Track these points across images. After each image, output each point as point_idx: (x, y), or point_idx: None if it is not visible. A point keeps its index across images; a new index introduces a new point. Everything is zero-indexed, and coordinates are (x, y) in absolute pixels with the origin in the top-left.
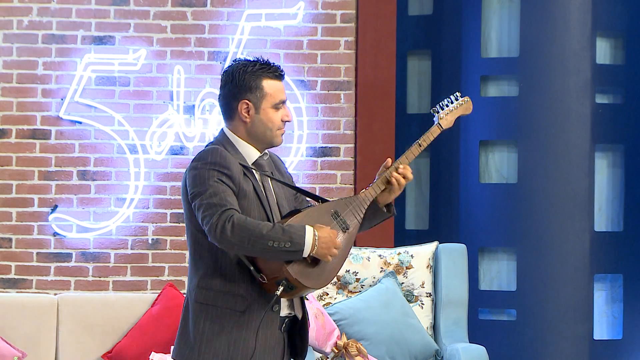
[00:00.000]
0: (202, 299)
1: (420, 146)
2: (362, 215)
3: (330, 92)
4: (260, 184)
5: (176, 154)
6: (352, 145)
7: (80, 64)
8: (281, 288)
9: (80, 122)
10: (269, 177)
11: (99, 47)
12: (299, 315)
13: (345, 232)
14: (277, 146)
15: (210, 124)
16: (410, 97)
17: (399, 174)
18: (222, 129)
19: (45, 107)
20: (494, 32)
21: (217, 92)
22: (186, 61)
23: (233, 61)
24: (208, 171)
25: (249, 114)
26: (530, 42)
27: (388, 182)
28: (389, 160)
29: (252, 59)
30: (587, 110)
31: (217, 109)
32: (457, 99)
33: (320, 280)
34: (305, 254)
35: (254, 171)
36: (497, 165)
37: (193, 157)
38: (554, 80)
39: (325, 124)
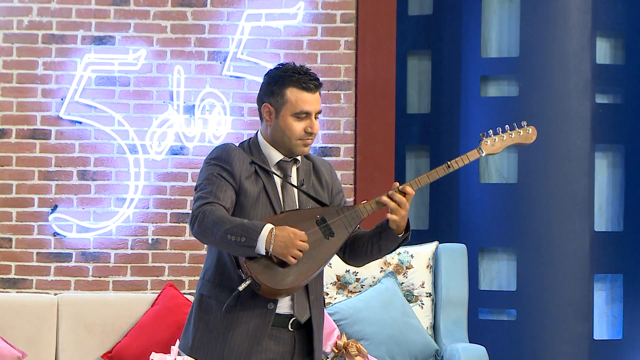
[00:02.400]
0: (203, 291)
1: (448, 167)
2: (353, 226)
3: (330, 92)
4: (277, 187)
5: (176, 154)
6: (352, 145)
7: (80, 64)
8: (244, 284)
9: (80, 122)
10: (288, 183)
11: (99, 47)
12: (301, 319)
13: (329, 238)
14: (300, 155)
15: (210, 124)
16: (410, 97)
17: (398, 191)
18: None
19: (45, 107)
20: (494, 32)
21: (217, 92)
22: (186, 61)
23: (278, 64)
24: (210, 166)
25: (270, 118)
26: (530, 42)
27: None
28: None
29: (291, 65)
30: (587, 110)
31: (217, 109)
32: (520, 127)
33: (285, 282)
34: (260, 250)
35: (274, 174)
36: (497, 165)
37: (194, 156)
38: (554, 80)
39: (326, 124)
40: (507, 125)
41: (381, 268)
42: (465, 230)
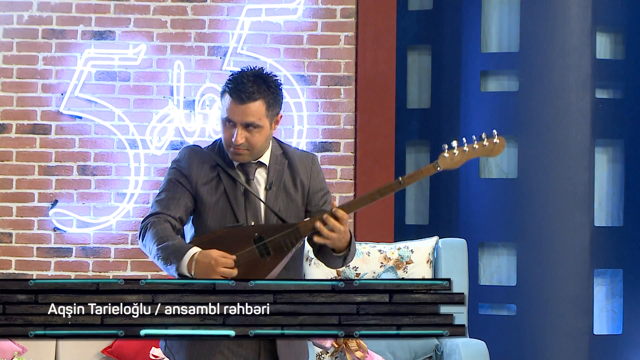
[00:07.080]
0: None
1: (400, 184)
2: (294, 245)
3: (330, 87)
4: (239, 190)
5: (176, 149)
6: (352, 140)
7: (80, 59)
8: None
9: (80, 117)
10: (247, 188)
11: (99, 42)
12: None
13: (265, 257)
14: (236, 162)
15: (210, 119)
16: (410, 92)
17: (331, 214)
18: None
19: (45, 102)
20: (494, 27)
21: (217, 87)
22: (186, 56)
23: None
24: (172, 169)
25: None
26: (531, 37)
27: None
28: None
29: (242, 72)
30: (587, 105)
31: (217, 104)
32: (489, 137)
33: None
34: (185, 274)
35: (236, 180)
36: (497, 160)
37: None
38: (554, 75)
39: (325, 119)
40: (473, 136)
41: (381, 263)
42: (465, 225)
